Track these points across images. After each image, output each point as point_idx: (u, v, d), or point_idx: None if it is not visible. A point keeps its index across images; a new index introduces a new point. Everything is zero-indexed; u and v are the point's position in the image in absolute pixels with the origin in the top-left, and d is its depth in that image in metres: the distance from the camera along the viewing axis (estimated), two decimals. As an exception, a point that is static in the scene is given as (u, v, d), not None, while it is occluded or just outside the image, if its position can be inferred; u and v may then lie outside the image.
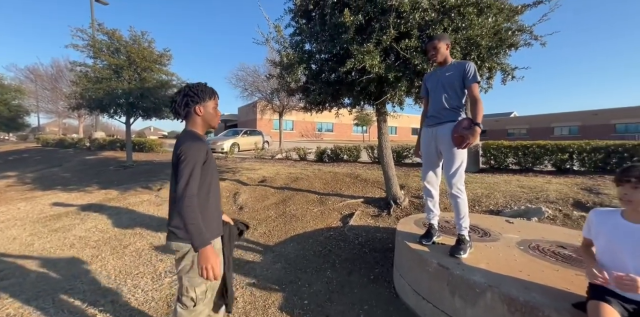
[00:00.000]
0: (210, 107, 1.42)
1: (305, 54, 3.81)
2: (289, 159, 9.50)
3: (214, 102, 1.45)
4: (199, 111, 1.38)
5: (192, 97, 1.37)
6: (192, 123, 1.39)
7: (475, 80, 2.00)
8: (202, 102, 1.39)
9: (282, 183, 5.76)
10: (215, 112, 1.45)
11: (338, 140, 26.09)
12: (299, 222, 3.86)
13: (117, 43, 7.61)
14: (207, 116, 1.41)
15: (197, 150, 1.27)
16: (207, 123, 1.43)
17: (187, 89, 1.39)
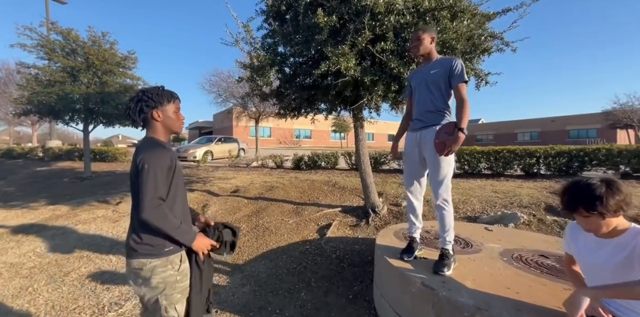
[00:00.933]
0: (170, 111, 1.31)
1: (278, 57, 3.61)
2: (265, 167, 9.15)
3: (174, 105, 1.33)
4: (157, 116, 1.27)
5: (147, 101, 1.26)
6: (152, 130, 1.28)
7: (462, 79, 1.84)
8: (159, 107, 1.28)
9: (256, 193, 5.44)
10: (176, 117, 1.34)
11: (316, 147, 25.98)
12: (273, 235, 3.57)
13: (73, 44, 6.99)
14: (167, 121, 1.30)
15: (158, 158, 1.16)
16: (168, 128, 1.31)
17: (140, 94, 1.28)
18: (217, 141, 13.35)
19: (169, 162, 1.19)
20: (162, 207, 1.13)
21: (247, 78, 3.88)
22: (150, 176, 1.12)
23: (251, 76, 3.85)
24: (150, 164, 1.13)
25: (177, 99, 1.35)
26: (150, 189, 1.11)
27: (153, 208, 1.10)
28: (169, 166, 1.19)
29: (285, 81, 4.00)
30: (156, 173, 1.13)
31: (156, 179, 1.13)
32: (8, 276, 2.82)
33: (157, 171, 1.13)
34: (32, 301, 2.35)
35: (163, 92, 1.30)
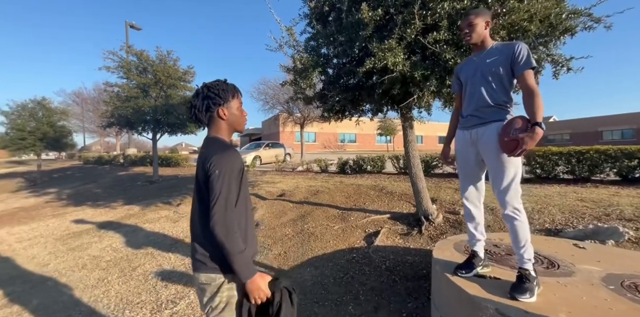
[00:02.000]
0: (235, 107, 1.20)
1: (321, 58, 3.56)
2: (309, 171, 9.20)
3: (238, 101, 1.23)
4: (223, 114, 1.17)
5: (213, 98, 1.15)
6: (217, 129, 1.18)
7: (529, 66, 1.53)
8: (225, 103, 1.17)
9: (301, 197, 5.43)
10: (240, 113, 1.23)
11: (361, 150, 25.52)
12: (318, 241, 3.46)
13: (145, 63, 7.99)
14: (232, 119, 1.20)
15: (231, 162, 1.06)
16: (232, 127, 1.21)
17: (205, 90, 1.17)
18: (265, 147, 13.96)
19: (239, 165, 1.09)
20: (232, 220, 1.02)
21: (291, 81, 3.91)
22: (223, 182, 1.02)
23: (294, 79, 3.86)
24: (222, 169, 1.03)
25: (240, 94, 1.25)
26: (222, 198, 1.01)
27: (223, 220, 0.99)
28: (239, 170, 1.09)
29: (328, 83, 3.93)
30: (229, 179, 1.03)
31: (229, 185, 1.03)
32: (91, 267, 3.21)
33: (229, 177, 1.04)
34: (106, 292, 2.60)
35: (227, 86, 1.19)
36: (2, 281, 2.89)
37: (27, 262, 3.45)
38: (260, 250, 3.33)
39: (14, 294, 2.60)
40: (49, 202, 7.59)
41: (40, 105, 13.09)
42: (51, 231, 4.78)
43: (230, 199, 1.03)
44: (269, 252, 3.27)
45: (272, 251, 3.28)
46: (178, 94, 8.33)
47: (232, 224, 1.01)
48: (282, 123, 14.92)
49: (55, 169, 16.26)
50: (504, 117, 1.63)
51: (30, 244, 4.14)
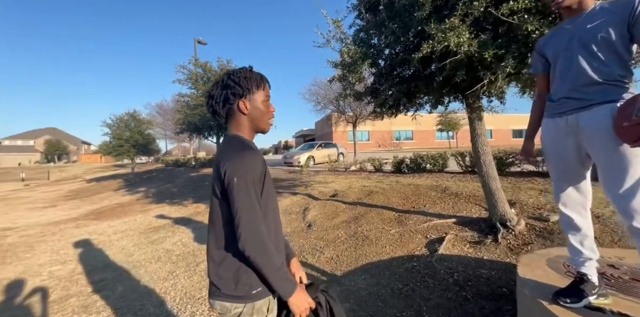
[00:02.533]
0: (259, 100, 1.02)
1: (371, 49, 3.32)
2: (363, 171, 8.91)
3: (264, 93, 1.04)
4: (244, 108, 1.00)
5: (233, 88, 0.99)
6: (237, 125, 1.02)
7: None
8: (247, 95, 1.00)
9: (354, 197, 5.23)
10: (266, 108, 1.05)
11: (419, 148, 24.00)
12: (373, 246, 3.22)
13: (208, 73, 8.79)
14: (255, 114, 1.02)
15: (249, 167, 0.91)
16: (255, 124, 1.03)
17: (225, 78, 1.02)
18: (318, 147, 14.10)
19: (260, 169, 0.94)
20: (262, 237, 0.88)
21: (339, 77, 3.74)
22: (244, 192, 0.87)
23: (342, 74, 3.69)
24: (240, 176, 0.87)
25: (267, 84, 1.06)
26: (246, 212, 0.87)
27: (253, 238, 0.86)
28: (261, 173, 0.94)
29: (379, 76, 3.65)
30: (250, 188, 0.88)
31: (250, 195, 0.88)
32: (164, 260, 3.56)
33: (250, 185, 0.89)
34: (174, 285, 2.82)
35: (252, 74, 1.02)
36: (99, 268, 3.41)
37: (118, 252, 4.01)
38: (312, 252, 3.24)
39: (106, 280, 3.02)
40: (138, 200, 8.90)
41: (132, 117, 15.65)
42: (138, 225, 5.53)
43: (255, 211, 0.89)
44: (321, 255, 3.16)
45: (324, 254, 3.16)
46: (236, 100, 8.96)
47: (263, 242, 0.88)
48: (334, 123, 14.88)
49: (145, 171, 19.17)
50: (620, 97, 1.20)
51: (122, 236, 4.84)
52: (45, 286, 2.99)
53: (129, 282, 2.94)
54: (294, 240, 3.72)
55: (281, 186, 7.46)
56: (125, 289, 2.78)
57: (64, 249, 4.26)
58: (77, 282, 3.01)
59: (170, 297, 2.58)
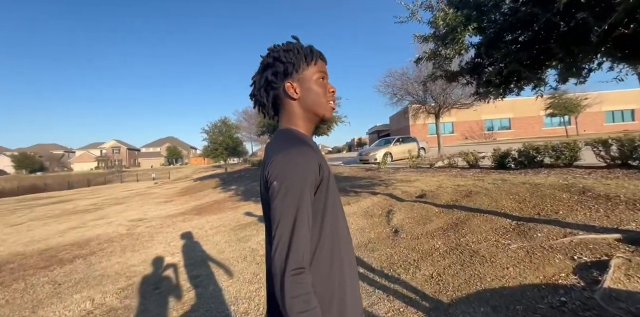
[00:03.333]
0: (312, 78, 0.77)
1: (474, 11, 2.57)
2: (453, 167, 7.71)
3: (317, 69, 0.79)
4: (293, 91, 0.76)
5: (274, 66, 0.77)
6: (287, 116, 0.79)
7: None
8: (294, 73, 0.76)
9: (448, 199, 4.41)
10: (322, 87, 0.79)
11: (519, 138, 20.03)
12: (488, 264, 2.48)
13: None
14: (308, 97, 0.77)
15: (301, 163, 0.65)
16: (311, 110, 0.78)
17: (268, 56, 0.79)
18: (396, 142, 13.12)
19: (316, 171, 0.67)
20: (302, 271, 0.59)
21: (430, 54, 3.08)
22: (288, 202, 0.61)
23: (434, 51, 3.01)
24: (284, 179, 0.63)
25: (322, 59, 0.81)
26: (286, 231, 0.60)
27: (289, 269, 0.58)
28: (316, 177, 0.67)
29: (486, 45, 2.85)
30: (298, 196, 0.62)
31: (299, 207, 0.62)
32: (249, 259, 3.61)
33: (298, 192, 0.62)
34: (258, 290, 2.74)
35: (297, 46, 0.78)
36: (196, 263, 3.67)
37: (212, 248, 4.31)
38: (405, 266, 2.72)
39: (201, 277, 3.19)
40: (230, 197, 9.88)
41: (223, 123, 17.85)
42: (228, 221, 5.98)
43: (301, 230, 0.61)
44: (417, 270, 2.61)
45: (420, 270, 2.60)
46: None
47: (300, 276, 0.59)
48: (413, 115, 13.60)
49: (235, 171, 21.65)
50: None
51: (216, 231, 5.27)
52: (157, 277, 3.36)
53: (219, 282, 3.01)
54: (380, 248, 3.26)
55: (359, 184, 7.05)
56: (215, 289, 2.84)
57: (174, 241, 4.86)
58: (180, 275, 3.27)
59: (255, 304, 2.48)
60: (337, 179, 9.24)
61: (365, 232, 3.88)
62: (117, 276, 3.43)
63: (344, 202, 5.43)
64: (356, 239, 3.64)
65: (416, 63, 3.28)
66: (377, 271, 2.74)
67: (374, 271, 2.73)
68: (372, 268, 2.80)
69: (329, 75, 0.83)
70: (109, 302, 2.70)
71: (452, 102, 11.32)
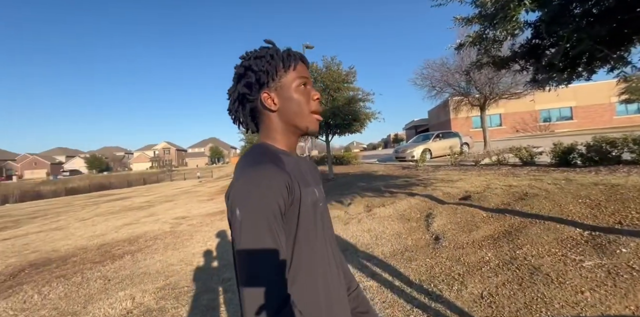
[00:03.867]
0: (291, 86, 0.69)
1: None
2: (502, 164, 6.92)
3: (296, 74, 0.69)
4: (270, 102, 0.69)
5: (246, 76, 0.69)
6: (266, 130, 0.72)
7: None
8: (270, 81, 0.68)
9: (498, 202, 3.89)
10: (303, 95, 0.70)
11: (583, 130, 17.60)
12: (555, 286, 2.06)
13: (315, 73, 8.92)
14: (288, 107, 0.69)
15: (265, 186, 0.56)
16: (292, 122, 0.70)
17: (240, 66, 0.71)
18: (435, 138, 12.29)
19: (283, 194, 0.57)
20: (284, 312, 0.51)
21: (473, 38, 2.67)
22: (251, 233, 0.53)
23: (479, 34, 2.61)
24: (246, 206, 0.54)
25: (303, 62, 0.72)
26: (248, 276, 0.52)
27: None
28: (284, 200, 0.58)
29: (549, 21, 2.38)
30: (263, 226, 0.53)
31: (262, 239, 0.53)
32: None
33: (262, 221, 0.53)
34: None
35: (271, 52, 0.69)
36: (229, 265, 3.70)
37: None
38: (448, 281, 2.39)
39: (232, 280, 3.18)
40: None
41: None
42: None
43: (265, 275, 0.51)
44: (463, 288, 2.27)
45: (466, 288, 2.26)
46: (342, 96, 8.71)
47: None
48: (454, 108, 12.59)
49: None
50: None
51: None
52: (192, 277, 3.44)
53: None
54: (418, 257, 2.95)
55: (394, 184, 6.66)
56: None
57: (210, 241, 5.01)
58: (213, 277, 3.31)
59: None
60: (370, 178, 8.85)
61: (402, 238, 3.57)
62: (157, 274, 3.59)
63: (379, 204, 5.14)
64: (392, 246, 3.37)
65: (457, 50, 2.88)
66: (415, 285, 2.46)
67: (411, 285, 2.46)
68: (409, 281, 2.52)
69: (311, 80, 0.76)
70: (146, 302, 2.80)
71: (500, 92, 10.21)
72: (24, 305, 3.08)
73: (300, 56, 0.72)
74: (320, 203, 0.70)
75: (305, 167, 0.73)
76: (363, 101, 8.95)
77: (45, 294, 3.32)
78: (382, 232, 3.85)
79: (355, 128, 9.06)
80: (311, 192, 0.66)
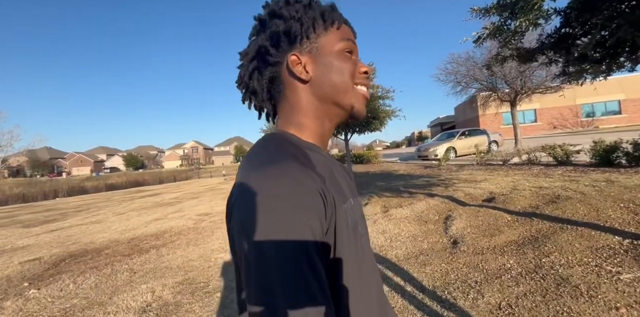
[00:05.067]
0: (333, 49, 0.48)
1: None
2: (533, 164, 6.44)
3: (340, 34, 0.49)
4: (301, 69, 0.47)
5: (274, 26, 0.47)
6: (289, 110, 0.50)
7: None
8: (303, 40, 0.47)
9: (525, 205, 3.63)
10: (349, 63, 0.48)
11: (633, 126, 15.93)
12: (584, 300, 1.87)
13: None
14: (327, 78, 0.47)
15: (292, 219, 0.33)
16: (330, 98, 0.48)
17: (266, 17, 0.49)
18: (460, 136, 11.73)
19: (319, 213, 0.36)
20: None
21: (490, 30, 2.49)
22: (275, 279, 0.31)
23: (498, 25, 2.43)
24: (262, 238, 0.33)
25: (344, 22, 0.51)
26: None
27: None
28: (321, 222, 0.36)
29: (580, 8, 2.17)
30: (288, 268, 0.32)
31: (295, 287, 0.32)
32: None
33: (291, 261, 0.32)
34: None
35: (311, 3, 0.49)
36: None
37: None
38: (464, 289, 2.26)
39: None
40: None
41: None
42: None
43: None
44: (479, 297, 2.14)
45: (483, 297, 2.12)
46: (361, 94, 8.60)
47: None
48: (482, 104, 11.93)
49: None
50: None
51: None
52: (208, 273, 3.57)
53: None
54: (433, 262, 2.82)
55: (414, 184, 6.45)
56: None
57: (229, 237, 5.17)
58: (228, 275, 3.41)
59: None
60: (391, 178, 8.67)
61: (418, 241, 3.44)
62: (178, 269, 3.76)
63: (396, 204, 5.00)
64: (406, 249, 3.26)
65: (475, 43, 2.70)
66: (428, 291, 2.35)
67: (424, 291, 2.35)
68: (422, 287, 2.42)
69: (358, 49, 0.53)
70: (165, 296, 2.94)
71: (534, 86, 9.51)
72: (60, 293, 3.36)
73: (338, 14, 0.51)
74: (359, 226, 0.47)
75: (338, 170, 0.51)
76: (382, 99, 8.74)
77: (79, 283, 3.60)
78: (398, 234, 3.74)
79: (374, 126, 8.89)
80: (349, 209, 0.44)
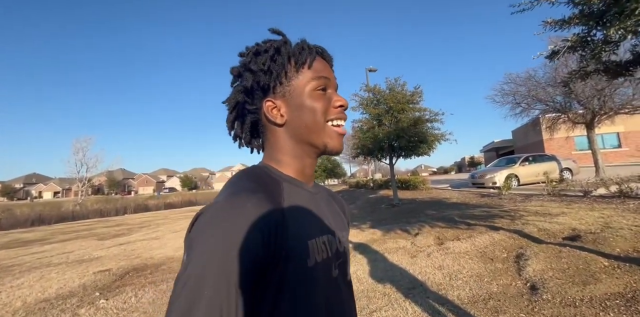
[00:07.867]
0: (304, 90, 0.51)
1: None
2: (628, 197, 5.35)
3: (312, 74, 0.51)
4: (276, 113, 0.52)
5: (247, 79, 0.52)
6: (270, 148, 0.55)
7: None
8: (276, 87, 0.51)
9: (626, 247, 2.94)
10: (321, 102, 0.51)
11: None
12: None
13: (377, 96, 8.87)
14: (300, 119, 0.51)
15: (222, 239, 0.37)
16: (304, 139, 0.52)
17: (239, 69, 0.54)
18: (523, 161, 10.49)
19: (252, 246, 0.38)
20: None
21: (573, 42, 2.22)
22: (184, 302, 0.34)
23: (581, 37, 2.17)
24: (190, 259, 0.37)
25: (316, 57, 0.53)
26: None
27: None
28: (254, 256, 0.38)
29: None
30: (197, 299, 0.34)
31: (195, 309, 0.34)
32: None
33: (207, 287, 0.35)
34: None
35: (279, 46, 0.52)
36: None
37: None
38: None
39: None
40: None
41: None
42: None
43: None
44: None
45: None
46: (407, 117, 8.35)
47: None
48: (548, 127, 10.70)
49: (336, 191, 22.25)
50: None
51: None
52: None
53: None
54: (509, 311, 2.34)
55: (471, 214, 5.78)
56: None
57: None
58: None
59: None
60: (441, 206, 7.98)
61: (484, 281, 2.94)
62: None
63: (452, 237, 4.47)
64: (470, 290, 2.79)
65: (550, 59, 2.43)
66: (505, 348, 1.91)
67: (499, 348, 1.92)
68: (496, 342, 1.99)
69: (336, 82, 0.55)
70: None
71: (617, 107, 8.28)
72: (124, 305, 3.54)
73: (319, 50, 0.54)
74: (334, 268, 0.49)
75: (325, 203, 0.57)
76: (431, 122, 8.38)
77: (139, 297, 3.77)
78: (458, 272, 3.26)
79: (422, 150, 8.45)
80: (320, 244, 0.46)
